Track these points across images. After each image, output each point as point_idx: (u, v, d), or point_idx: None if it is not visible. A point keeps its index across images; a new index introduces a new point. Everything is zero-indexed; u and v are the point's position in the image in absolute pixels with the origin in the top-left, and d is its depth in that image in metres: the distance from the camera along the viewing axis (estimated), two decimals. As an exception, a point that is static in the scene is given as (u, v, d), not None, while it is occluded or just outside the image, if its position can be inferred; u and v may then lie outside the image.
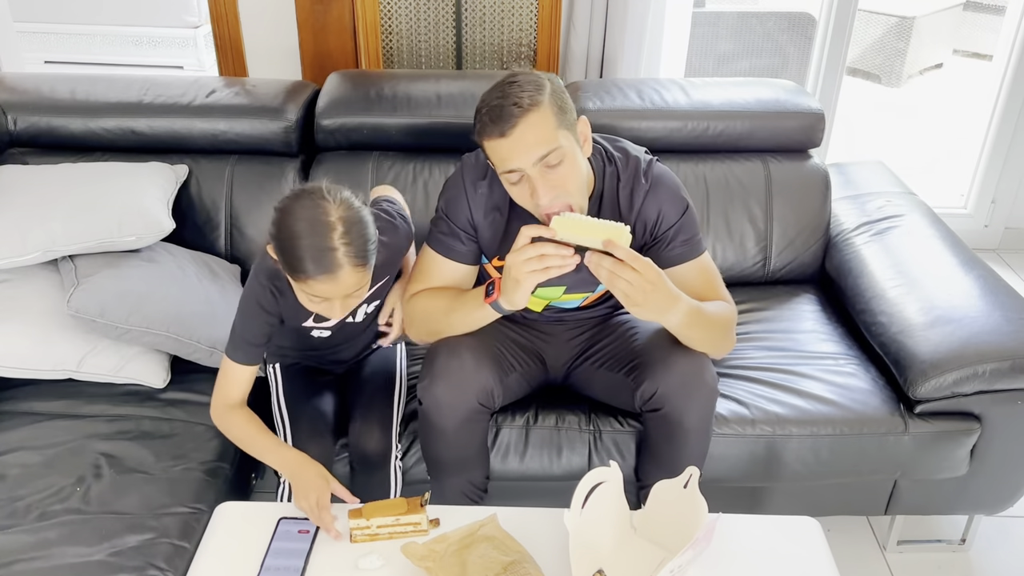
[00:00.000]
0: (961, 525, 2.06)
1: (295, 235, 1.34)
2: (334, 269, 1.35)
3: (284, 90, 2.22)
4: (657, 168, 1.62)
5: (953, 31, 5.41)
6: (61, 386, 1.79)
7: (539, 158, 1.41)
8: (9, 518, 1.48)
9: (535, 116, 1.40)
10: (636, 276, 1.38)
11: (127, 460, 1.62)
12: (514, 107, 1.39)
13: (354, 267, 1.36)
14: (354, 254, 1.36)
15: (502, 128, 1.40)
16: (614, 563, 1.37)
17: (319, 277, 1.35)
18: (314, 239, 1.33)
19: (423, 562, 1.31)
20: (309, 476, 1.46)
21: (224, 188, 2.13)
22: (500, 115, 1.40)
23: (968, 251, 2.08)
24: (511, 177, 1.45)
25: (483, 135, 1.44)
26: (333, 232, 1.34)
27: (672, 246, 1.60)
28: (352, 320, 1.67)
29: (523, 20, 2.65)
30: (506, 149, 1.41)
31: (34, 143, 2.16)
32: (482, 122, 1.43)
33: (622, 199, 1.60)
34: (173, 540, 1.47)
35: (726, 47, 3.40)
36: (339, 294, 1.39)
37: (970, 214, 3.25)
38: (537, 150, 1.41)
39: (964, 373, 1.74)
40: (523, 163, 1.42)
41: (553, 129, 1.41)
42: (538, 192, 1.43)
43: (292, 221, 1.35)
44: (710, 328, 1.55)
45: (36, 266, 1.85)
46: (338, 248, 1.34)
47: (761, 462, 1.80)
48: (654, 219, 1.60)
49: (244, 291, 1.57)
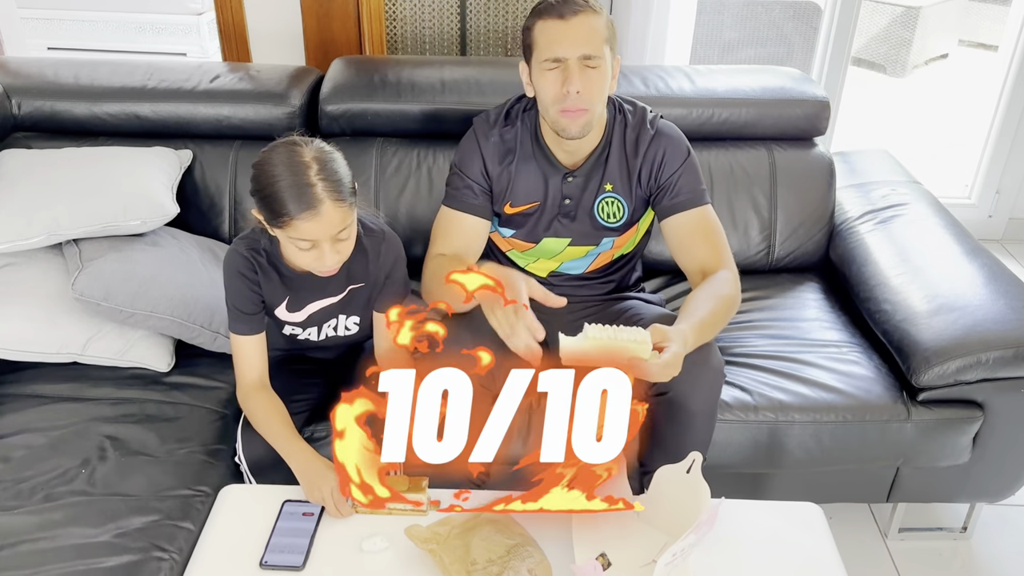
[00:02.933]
0: (963, 513, 2.06)
1: (274, 179, 1.39)
2: (315, 204, 1.38)
3: (288, 76, 2.22)
4: (663, 121, 1.72)
5: (959, 21, 5.39)
6: (66, 369, 1.79)
7: (584, 54, 1.52)
8: (15, 499, 1.49)
9: (594, 18, 1.54)
10: (661, 372, 1.37)
11: (132, 443, 1.63)
12: (578, 3, 1.53)
13: (334, 202, 1.40)
14: (332, 188, 1.40)
15: (564, 11, 1.52)
16: (616, 547, 1.37)
17: (302, 215, 1.38)
18: (292, 178, 1.38)
19: (427, 544, 1.32)
20: (318, 469, 1.45)
21: (228, 173, 2.13)
22: (564, 3, 1.52)
23: (972, 240, 2.08)
24: (549, 64, 1.54)
25: (541, 15, 1.55)
26: (309, 170, 1.39)
27: (675, 193, 1.67)
28: (334, 334, 1.69)
29: (528, 6, 2.64)
30: (560, 31, 1.52)
31: (38, 127, 2.16)
32: (545, 4, 1.55)
33: (628, 143, 1.69)
34: (177, 522, 1.48)
35: (731, 35, 3.39)
36: (325, 234, 1.42)
37: (974, 204, 3.25)
38: (587, 46, 1.52)
39: (967, 361, 1.74)
40: (570, 51, 1.52)
41: (603, 39, 1.54)
42: (572, 80, 1.52)
43: (269, 168, 1.41)
44: (714, 328, 1.56)
45: (41, 250, 1.85)
46: (316, 184, 1.39)
47: (764, 448, 1.81)
48: (659, 163, 1.68)
49: (224, 261, 1.58)
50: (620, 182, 1.70)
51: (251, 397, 1.59)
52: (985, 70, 5.01)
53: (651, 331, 1.38)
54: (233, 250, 1.57)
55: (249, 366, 1.60)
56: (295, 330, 1.67)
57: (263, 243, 1.57)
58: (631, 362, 1.34)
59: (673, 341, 1.39)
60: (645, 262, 2.05)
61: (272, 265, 1.58)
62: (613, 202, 1.69)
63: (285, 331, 1.68)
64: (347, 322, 1.69)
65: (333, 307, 1.65)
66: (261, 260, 1.57)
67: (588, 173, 1.70)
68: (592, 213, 1.71)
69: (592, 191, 1.70)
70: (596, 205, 1.70)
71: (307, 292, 1.61)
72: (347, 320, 1.68)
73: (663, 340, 1.39)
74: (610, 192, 1.69)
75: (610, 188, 1.69)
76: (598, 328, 1.35)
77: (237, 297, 1.57)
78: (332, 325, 1.68)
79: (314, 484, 1.43)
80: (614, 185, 1.70)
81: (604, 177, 1.69)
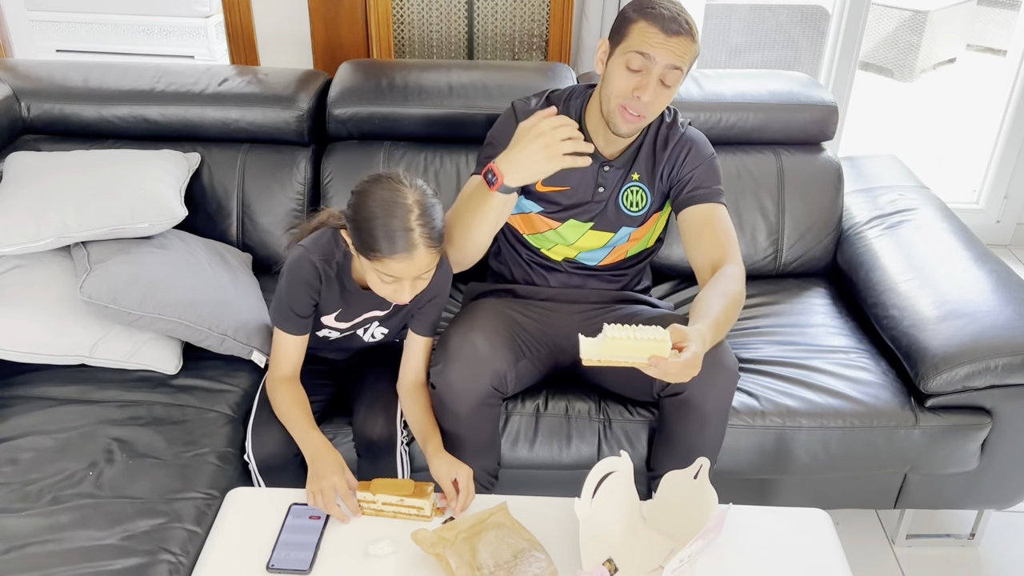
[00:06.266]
0: (970, 520, 2.06)
1: (373, 216, 1.42)
2: (411, 249, 1.42)
3: (296, 79, 2.23)
4: (692, 128, 1.79)
5: (967, 26, 5.38)
6: (74, 371, 1.79)
7: (672, 67, 1.55)
8: (22, 501, 1.49)
9: (691, 44, 1.57)
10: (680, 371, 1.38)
11: (139, 445, 1.63)
12: (685, 23, 1.55)
13: (428, 248, 1.44)
14: (428, 235, 1.43)
15: (669, 28, 1.54)
16: (623, 553, 1.37)
17: (396, 256, 1.42)
18: (392, 220, 1.41)
19: (433, 549, 1.32)
20: (326, 462, 1.48)
21: (236, 176, 2.14)
22: (673, 19, 1.54)
23: (981, 245, 2.07)
24: (636, 62, 1.56)
25: (645, 17, 1.55)
26: (410, 214, 1.42)
27: (692, 187, 1.70)
28: (360, 335, 1.73)
29: (535, 10, 2.65)
30: (659, 41, 1.54)
31: (47, 130, 2.17)
32: (652, 7, 1.55)
33: (660, 138, 1.74)
34: (185, 525, 1.48)
35: (738, 39, 3.39)
36: (412, 274, 1.46)
37: (982, 209, 3.24)
38: (677, 62, 1.56)
39: (976, 367, 1.73)
40: (659, 60, 1.54)
41: (690, 61, 1.59)
42: (646, 89, 1.56)
43: (371, 202, 1.43)
44: (727, 325, 1.56)
45: (49, 252, 1.86)
46: (414, 229, 1.42)
47: (771, 454, 1.80)
48: (682, 159, 1.72)
49: (290, 262, 1.59)
50: (646, 172, 1.74)
51: (279, 387, 1.62)
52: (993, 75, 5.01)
53: (671, 331, 1.38)
54: (305, 256, 1.58)
55: (286, 360, 1.63)
56: (331, 333, 1.70)
57: (337, 256, 1.59)
58: (651, 361, 1.35)
59: (692, 341, 1.39)
60: (653, 266, 2.05)
61: (339, 279, 1.60)
62: (637, 191, 1.74)
63: (320, 332, 1.70)
64: (376, 330, 1.73)
65: (375, 317, 1.69)
66: (330, 272, 1.59)
67: (623, 164, 1.74)
68: (618, 201, 1.75)
69: (621, 179, 1.74)
70: (623, 193, 1.74)
71: (360, 306, 1.65)
72: (378, 328, 1.72)
73: (682, 340, 1.39)
74: (636, 181, 1.74)
75: (636, 177, 1.74)
76: (617, 328, 1.36)
77: (295, 300, 1.59)
78: (363, 328, 1.71)
79: (319, 473, 1.46)
80: (640, 175, 1.74)
81: (633, 166, 1.74)
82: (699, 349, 1.39)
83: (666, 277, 2.20)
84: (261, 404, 1.67)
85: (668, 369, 1.35)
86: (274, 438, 1.61)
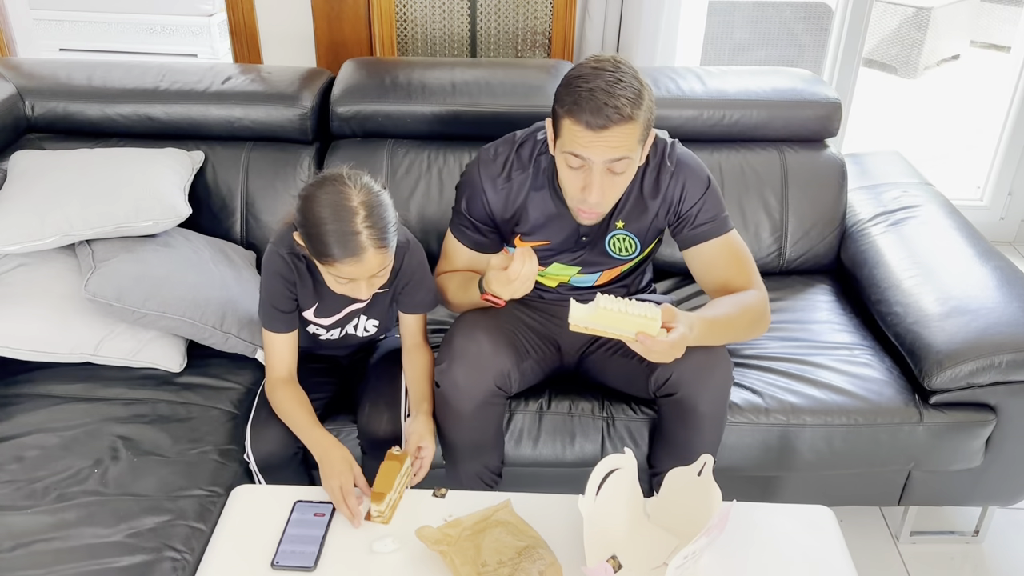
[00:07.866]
0: (975, 517, 2.06)
1: (320, 221, 1.40)
2: (359, 252, 1.40)
3: (299, 77, 2.23)
4: (679, 149, 1.65)
5: (971, 22, 5.37)
6: (79, 369, 1.80)
7: (612, 160, 1.43)
8: (28, 499, 1.50)
9: (628, 127, 1.41)
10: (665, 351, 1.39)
11: (144, 443, 1.63)
12: (614, 112, 1.38)
13: (377, 249, 1.42)
14: (376, 236, 1.41)
15: (594, 123, 1.39)
16: (627, 550, 1.37)
17: (345, 260, 1.41)
18: (338, 224, 1.39)
19: (437, 546, 1.32)
20: (334, 460, 1.48)
21: (240, 174, 2.14)
22: (598, 110, 1.38)
23: (985, 242, 2.07)
24: (573, 161, 1.46)
25: (569, 114, 1.42)
26: (356, 216, 1.40)
27: (697, 224, 1.63)
28: (354, 332, 1.73)
29: (538, 8, 2.65)
30: (588, 140, 1.41)
31: (51, 129, 2.17)
32: (575, 101, 1.40)
33: (647, 186, 1.63)
34: (190, 522, 1.49)
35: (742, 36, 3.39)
36: (364, 275, 1.45)
37: (986, 206, 3.23)
38: (614, 154, 1.43)
39: (980, 364, 1.73)
40: (595, 157, 1.43)
41: (635, 142, 1.44)
42: (592, 189, 1.46)
43: (316, 208, 1.41)
44: (726, 332, 1.56)
45: (54, 250, 1.86)
46: (361, 232, 1.40)
47: (775, 451, 1.80)
48: (678, 198, 1.63)
49: (264, 260, 1.61)
50: (632, 221, 1.66)
51: (278, 389, 1.62)
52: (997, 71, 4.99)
53: (663, 309, 1.39)
54: (274, 251, 1.59)
55: (280, 361, 1.63)
56: (319, 330, 1.71)
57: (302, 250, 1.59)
58: (637, 337, 1.36)
59: (680, 323, 1.40)
60: (656, 264, 2.05)
61: (309, 272, 1.61)
62: (625, 238, 1.68)
63: (309, 329, 1.72)
64: (367, 324, 1.73)
65: (357, 311, 1.69)
66: (300, 265, 1.60)
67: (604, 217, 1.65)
68: (604, 248, 1.69)
69: (604, 228, 1.67)
70: (608, 240, 1.69)
71: (336, 299, 1.65)
72: (367, 322, 1.73)
73: (671, 320, 1.40)
74: (621, 229, 1.67)
75: (621, 226, 1.66)
76: (610, 299, 1.37)
77: (274, 296, 1.60)
78: (353, 324, 1.72)
79: (325, 475, 1.47)
80: (626, 223, 1.66)
81: (616, 215, 1.66)
82: (685, 332, 1.40)
83: (666, 275, 2.20)
84: (261, 403, 1.67)
85: (653, 347, 1.37)
86: (273, 437, 1.62)
